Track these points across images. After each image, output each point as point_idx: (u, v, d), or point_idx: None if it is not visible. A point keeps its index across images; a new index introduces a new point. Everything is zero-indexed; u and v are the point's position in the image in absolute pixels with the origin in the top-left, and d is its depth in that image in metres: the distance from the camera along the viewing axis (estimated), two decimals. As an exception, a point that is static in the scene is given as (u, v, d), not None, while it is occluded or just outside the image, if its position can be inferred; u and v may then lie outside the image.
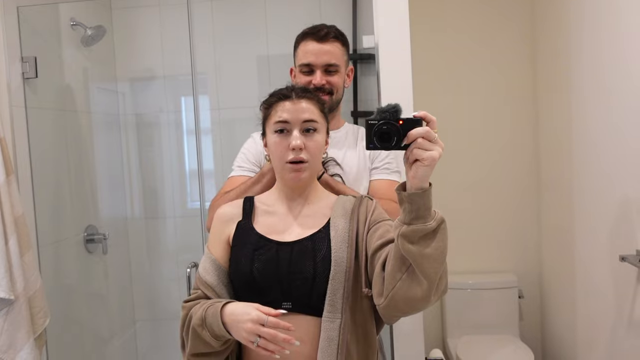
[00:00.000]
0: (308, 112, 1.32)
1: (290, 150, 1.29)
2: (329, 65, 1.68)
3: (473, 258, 3.11)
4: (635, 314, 2.00)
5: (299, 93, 1.34)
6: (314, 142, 1.32)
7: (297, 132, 1.30)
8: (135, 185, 2.86)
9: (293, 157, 1.29)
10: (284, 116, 1.31)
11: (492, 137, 3.07)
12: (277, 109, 1.33)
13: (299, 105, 1.32)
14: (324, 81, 1.68)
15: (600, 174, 2.24)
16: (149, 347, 2.88)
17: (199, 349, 1.26)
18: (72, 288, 2.40)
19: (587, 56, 2.33)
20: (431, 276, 1.10)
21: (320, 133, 1.34)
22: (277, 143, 1.32)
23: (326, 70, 1.69)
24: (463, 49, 3.05)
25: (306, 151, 1.30)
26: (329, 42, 1.68)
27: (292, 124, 1.31)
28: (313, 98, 1.36)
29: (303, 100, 1.33)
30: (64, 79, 2.46)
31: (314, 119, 1.32)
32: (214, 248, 1.37)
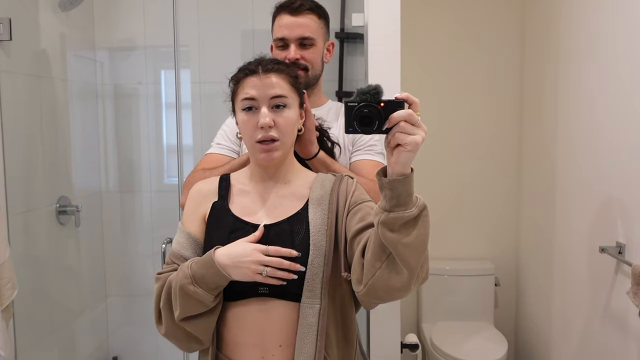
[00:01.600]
0: (277, 87, 1.24)
1: (259, 128, 1.22)
2: (303, 39, 1.62)
3: (451, 244, 3.12)
4: (611, 304, 2.01)
5: (267, 66, 1.25)
6: (283, 118, 1.24)
7: (266, 109, 1.23)
8: (111, 158, 2.79)
9: (262, 136, 1.23)
10: (250, 93, 1.23)
11: (475, 125, 3.06)
12: (244, 85, 1.25)
13: (266, 80, 1.23)
14: (298, 55, 1.62)
15: (583, 166, 2.24)
16: (120, 323, 2.83)
17: (189, 311, 1.20)
18: (42, 260, 2.33)
19: (575, 51, 2.31)
20: (412, 265, 1.05)
21: (291, 108, 1.26)
22: (246, 121, 1.25)
23: (301, 44, 1.63)
24: (453, 37, 3.03)
25: (276, 129, 1.23)
26: (302, 14, 1.62)
27: (260, 101, 1.23)
28: (283, 70, 1.27)
29: (271, 74, 1.24)
30: (40, 44, 2.36)
31: (283, 94, 1.24)
32: (189, 223, 1.32)
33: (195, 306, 1.20)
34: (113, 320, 2.83)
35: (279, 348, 1.23)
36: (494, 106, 3.05)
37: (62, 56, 2.52)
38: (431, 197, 2.99)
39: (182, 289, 1.18)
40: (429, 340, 2.77)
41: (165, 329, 1.26)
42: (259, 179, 1.33)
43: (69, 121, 2.57)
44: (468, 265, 3.01)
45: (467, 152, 3.08)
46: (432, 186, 3.05)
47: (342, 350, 1.28)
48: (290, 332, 1.22)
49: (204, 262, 1.19)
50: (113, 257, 2.81)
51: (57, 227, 2.42)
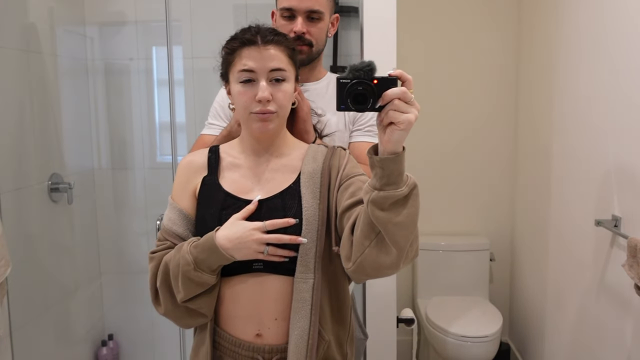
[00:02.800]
0: (276, 60, 1.20)
1: (256, 101, 1.19)
2: (312, 12, 1.57)
3: (446, 219, 3.12)
4: (606, 278, 2.02)
5: (266, 37, 1.21)
6: (282, 92, 1.21)
7: (265, 83, 1.19)
8: (103, 135, 2.76)
9: (260, 109, 1.20)
10: (249, 64, 1.19)
11: (471, 100, 3.05)
12: (241, 56, 1.20)
13: (265, 52, 1.19)
14: (304, 29, 1.57)
15: (579, 141, 2.23)
16: (115, 301, 2.83)
17: (192, 292, 1.20)
18: (35, 237, 2.31)
19: (571, 36, 2.29)
20: (401, 244, 1.04)
21: (289, 82, 1.23)
22: (242, 93, 1.21)
23: (308, 16, 1.58)
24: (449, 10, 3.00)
25: (274, 102, 1.20)
26: None
27: (259, 74, 1.19)
28: (282, 42, 1.23)
29: (270, 46, 1.20)
30: (28, 18, 2.31)
31: (282, 67, 1.21)
32: (179, 198, 1.30)
33: (199, 288, 1.21)
34: (107, 298, 2.83)
35: (274, 321, 1.23)
36: (490, 81, 3.03)
37: (51, 31, 2.47)
38: (426, 173, 3.01)
39: (185, 275, 1.18)
40: (424, 315, 2.78)
41: (165, 309, 1.26)
42: (251, 152, 1.30)
43: (59, 97, 2.53)
44: (463, 240, 3.01)
45: (463, 127, 3.06)
46: (427, 162, 3.05)
47: (336, 323, 1.28)
48: (285, 305, 1.22)
49: (205, 246, 1.18)
50: (106, 235, 2.79)
51: (50, 205, 2.40)
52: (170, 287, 1.24)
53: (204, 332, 1.28)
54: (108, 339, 2.77)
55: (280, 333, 1.24)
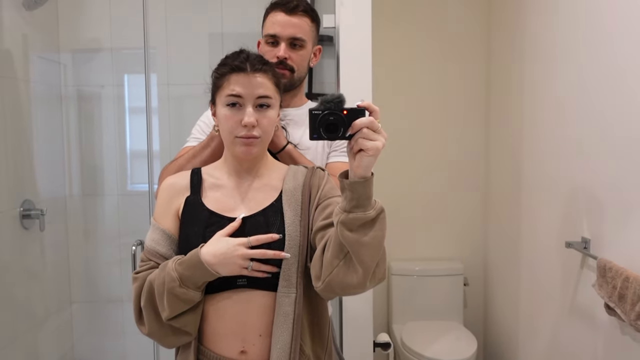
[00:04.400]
0: (263, 88, 1.25)
1: (241, 126, 1.24)
2: (294, 39, 1.63)
3: (420, 245, 3.15)
4: (577, 299, 2.06)
5: (255, 65, 1.26)
6: (267, 118, 1.26)
7: (251, 109, 1.24)
8: (75, 162, 2.73)
9: (245, 134, 1.24)
10: (237, 90, 1.24)
11: (443, 126, 3.11)
12: (230, 81, 1.24)
13: (253, 79, 1.24)
14: (287, 55, 1.62)
15: (548, 164, 2.29)
16: (85, 330, 2.76)
17: (178, 309, 1.22)
18: (6, 265, 2.26)
19: (539, 58, 2.38)
20: (367, 264, 1.10)
21: (273, 108, 1.28)
22: (229, 117, 1.25)
23: (291, 44, 1.64)
24: (420, 39, 3.08)
25: (258, 127, 1.25)
26: (297, 15, 1.63)
27: (246, 99, 1.24)
28: (268, 71, 1.28)
29: (258, 74, 1.25)
30: (3, 44, 2.31)
31: (269, 95, 1.26)
32: (162, 219, 1.32)
33: (184, 305, 1.21)
34: (78, 327, 2.76)
35: (259, 337, 1.25)
36: (461, 109, 3.10)
37: (24, 57, 2.46)
38: (400, 199, 3.04)
39: (171, 292, 1.19)
40: (399, 340, 2.79)
41: (149, 329, 1.26)
42: (233, 172, 1.34)
43: (31, 123, 2.51)
44: (437, 265, 3.04)
45: (435, 153, 3.12)
46: (401, 187, 3.09)
47: (315, 339, 1.30)
48: (269, 321, 1.24)
49: (190, 263, 1.20)
50: (78, 263, 2.74)
51: (21, 231, 2.36)
52: (154, 306, 1.24)
53: (187, 351, 1.28)
54: (78, 370, 2.70)
55: (264, 349, 1.25)
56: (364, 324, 2.15)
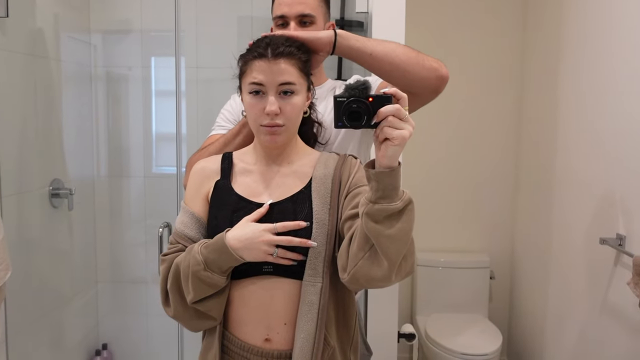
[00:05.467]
0: (285, 74, 1.21)
1: (265, 114, 1.21)
2: (302, 16, 1.57)
3: (447, 236, 3.12)
4: (609, 297, 2.01)
5: (277, 50, 1.21)
6: (291, 105, 1.22)
7: (273, 97, 1.20)
8: (102, 143, 2.75)
9: (268, 122, 1.22)
10: (258, 77, 1.20)
11: (473, 116, 3.06)
12: (252, 68, 1.21)
13: (275, 65, 1.20)
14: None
15: (583, 159, 2.24)
16: (110, 310, 2.80)
17: (203, 294, 1.21)
18: (35, 243, 2.28)
19: (576, 40, 2.31)
20: (392, 257, 1.07)
21: (299, 94, 1.24)
22: (252, 105, 1.23)
23: (301, 21, 1.58)
24: (456, 25, 3.03)
25: (282, 115, 1.21)
26: None
27: (268, 87, 1.20)
28: (293, 56, 1.23)
29: (280, 60, 1.20)
30: (35, 23, 2.31)
31: (292, 81, 1.21)
32: (192, 202, 1.32)
33: (209, 289, 1.21)
34: (103, 307, 2.80)
35: (283, 326, 1.24)
36: (493, 98, 3.05)
37: (56, 36, 2.47)
38: (428, 189, 3.01)
39: (195, 275, 1.19)
40: (423, 332, 2.76)
41: (174, 311, 1.26)
42: (263, 159, 1.32)
43: (62, 103, 2.52)
44: (463, 257, 3.01)
45: (465, 143, 3.07)
46: (430, 177, 3.05)
47: (341, 329, 1.28)
48: (294, 310, 1.23)
49: (216, 246, 1.19)
50: (104, 243, 2.77)
51: (50, 210, 2.37)
52: (180, 289, 1.24)
53: (212, 335, 1.28)
54: (102, 349, 2.73)
55: (289, 338, 1.24)
56: (388, 314, 2.13)
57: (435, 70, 1.48)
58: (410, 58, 1.42)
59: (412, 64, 1.40)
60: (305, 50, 1.30)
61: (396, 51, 1.40)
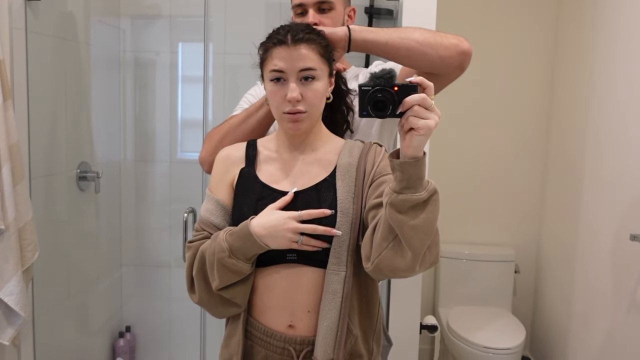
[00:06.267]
0: (306, 60, 1.19)
1: (286, 101, 1.20)
2: (321, 2, 1.55)
3: (471, 229, 3.08)
4: (638, 295, 1.97)
5: (297, 36, 1.19)
6: (312, 91, 1.21)
7: (294, 83, 1.19)
8: (130, 127, 2.77)
9: (290, 109, 1.21)
10: (279, 65, 1.19)
11: (504, 110, 3.02)
12: (272, 55, 1.20)
13: (295, 51, 1.19)
14: (316, 20, 1.55)
15: (613, 154, 2.19)
16: (134, 293, 2.83)
17: (228, 280, 1.21)
18: (62, 224, 2.31)
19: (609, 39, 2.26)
20: (416, 247, 1.06)
21: (320, 80, 1.22)
22: (274, 92, 1.22)
23: (319, 8, 1.56)
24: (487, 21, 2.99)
25: (304, 102, 1.20)
26: None
27: (288, 73, 1.19)
28: (313, 41, 1.21)
29: (301, 46, 1.19)
30: (67, 6, 2.33)
31: (312, 67, 1.20)
32: (217, 190, 1.32)
33: (234, 276, 1.21)
34: (127, 290, 2.83)
35: (307, 313, 1.24)
36: (523, 91, 3.00)
37: (86, 20, 2.49)
38: (455, 180, 2.98)
39: (220, 262, 1.19)
40: (445, 324, 2.75)
41: (199, 298, 1.27)
42: (286, 147, 1.31)
43: (90, 87, 2.54)
44: (488, 250, 2.97)
45: (493, 136, 3.03)
46: (457, 169, 3.02)
47: (364, 318, 1.28)
48: (318, 298, 1.23)
49: (241, 234, 1.19)
50: (129, 227, 2.80)
51: (77, 193, 2.41)
52: (205, 276, 1.24)
53: (236, 321, 1.28)
54: (125, 331, 2.76)
55: (312, 325, 1.24)
56: (411, 305, 2.12)
57: (456, 46, 1.43)
58: (427, 38, 1.39)
59: (430, 44, 1.37)
60: (325, 37, 1.29)
61: (412, 35, 1.37)
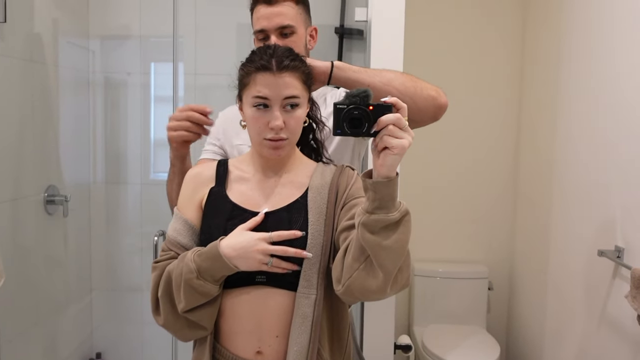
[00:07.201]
0: (290, 88, 1.19)
1: (269, 128, 1.19)
2: (282, 28, 1.57)
3: (445, 246, 3.10)
4: (608, 310, 1.99)
5: (282, 63, 1.19)
6: (295, 118, 1.22)
7: (278, 111, 1.19)
8: (100, 149, 2.73)
9: (272, 137, 1.20)
10: (263, 91, 1.18)
11: (473, 126, 3.05)
12: (256, 81, 1.19)
13: (280, 79, 1.18)
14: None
15: (581, 170, 2.23)
16: (104, 318, 2.77)
17: (195, 302, 1.19)
18: (29, 250, 2.26)
19: (575, 59, 2.30)
20: (388, 268, 1.05)
21: (301, 107, 1.23)
22: (256, 119, 1.21)
23: (281, 33, 1.58)
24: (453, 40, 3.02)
25: (286, 129, 1.20)
26: (279, 3, 1.58)
27: (272, 101, 1.19)
28: (297, 69, 1.21)
29: (285, 74, 1.19)
30: (33, 28, 2.30)
31: (296, 95, 1.20)
32: (185, 209, 1.30)
33: (201, 298, 1.19)
34: (97, 315, 2.77)
35: (275, 339, 1.22)
36: (492, 109, 3.03)
37: (54, 42, 2.46)
38: (426, 198, 2.99)
39: (188, 283, 1.17)
40: (420, 343, 2.74)
41: (165, 320, 1.24)
42: (260, 167, 1.31)
43: (58, 108, 2.51)
44: (461, 268, 2.98)
45: (464, 154, 3.06)
46: (428, 188, 3.04)
47: (334, 342, 1.26)
48: (287, 322, 1.21)
49: (209, 254, 1.17)
50: (99, 250, 2.74)
51: (45, 217, 2.36)
52: (171, 297, 1.22)
53: (203, 346, 1.25)
54: (96, 358, 2.71)
55: (281, 351, 1.21)
56: (385, 324, 2.11)
57: (434, 99, 1.49)
58: (408, 88, 1.42)
59: (409, 94, 1.41)
60: (307, 63, 1.29)
61: (394, 82, 1.40)
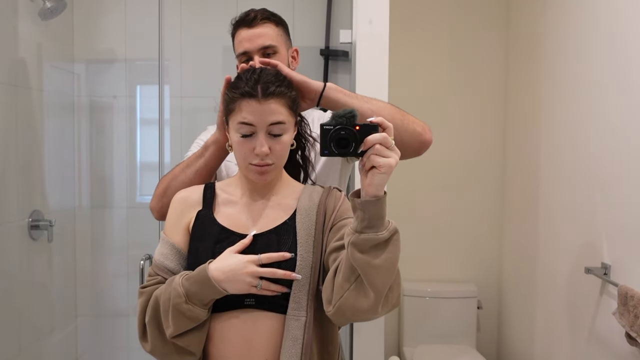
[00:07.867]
0: (275, 114, 1.19)
1: (254, 154, 1.19)
2: (264, 48, 1.60)
3: (434, 266, 3.09)
4: (596, 327, 2.00)
5: (267, 90, 1.18)
6: (280, 144, 1.21)
7: (263, 138, 1.19)
8: (85, 173, 2.71)
9: (258, 162, 1.20)
10: (248, 118, 1.18)
11: (459, 145, 3.06)
12: (241, 107, 1.18)
13: (265, 106, 1.18)
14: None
15: (567, 188, 2.24)
16: (89, 344, 2.72)
17: (183, 327, 1.17)
18: (13, 275, 2.23)
19: (559, 70, 2.33)
20: (378, 288, 1.06)
21: (288, 132, 1.22)
22: (241, 144, 1.21)
23: (263, 54, 1.60)
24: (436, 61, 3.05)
25: (272, 154, 1.20)
26: (259, 25, 1.61)
27: (258, 127, 1.18)
28: (283, 95, 1.21)
29: (270, 100, 1.18)
30: (18, 53, 2.30)
31: (282, 121, 1.20)
32: (172, 233, 1.29)
33: (190, 322, 1.17)
34: (83, 342, 2.72)
35: None
36: (477, 128, 3.05)
37: (39, 66, 2.46)
38: (413, 219, 2.98)
39: (176, 308, 1.15)
40: (410, 364, 2.72)
41: (152, 346, 1.22)
42: (247, 190, 1.30)
43: (43, 133, 2.49)
44: (450, 287, 2.98)
45: (451, 173, 3.07)
46: (414, 207, 3.04)
47: None
48: (276, 345, 1.20)
49: (198, 278, 1.16)
50: (84, 276, 2.71)
51: (29, 242, 2.33)
52: (159, 323, 1.20)
53: None
54: (81, 385, 2.66)
55: None
56: (375, 345, 2.09)
57: (419, 135, 1.51)
58: (395, 120, 1.40)
59: (396, 126, 1.40)
60: (294, 87, 1.29)
61: (382, 112, 1.39)
